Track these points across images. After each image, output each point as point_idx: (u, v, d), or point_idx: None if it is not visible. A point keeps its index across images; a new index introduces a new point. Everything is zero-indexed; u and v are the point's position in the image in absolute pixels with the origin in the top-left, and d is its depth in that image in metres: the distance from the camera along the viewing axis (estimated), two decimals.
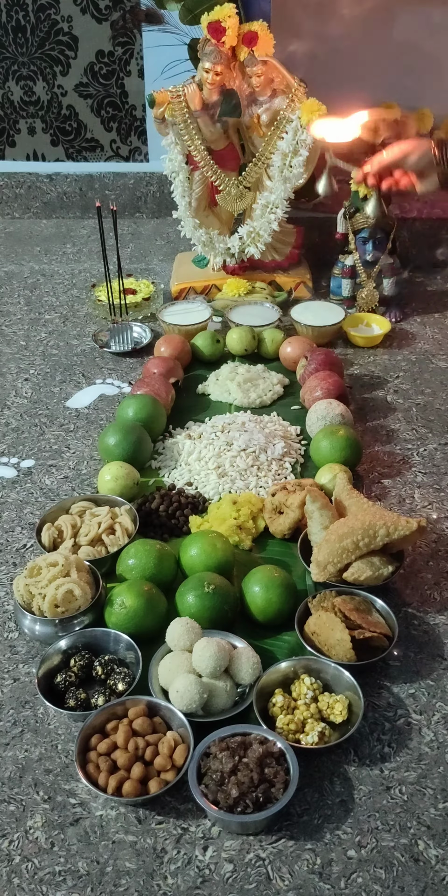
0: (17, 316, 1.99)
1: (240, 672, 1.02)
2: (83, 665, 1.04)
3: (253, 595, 1.12)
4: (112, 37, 2.31)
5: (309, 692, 1.00)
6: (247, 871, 0.86)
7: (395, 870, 0.86)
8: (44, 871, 0.86)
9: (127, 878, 0.86)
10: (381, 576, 1.13)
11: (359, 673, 1.02)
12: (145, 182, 2.48)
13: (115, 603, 1.09)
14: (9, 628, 1.15)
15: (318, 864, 0.87)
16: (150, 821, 0.91)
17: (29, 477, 1.44)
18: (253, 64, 1.77)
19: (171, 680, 1.00)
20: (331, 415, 1.44)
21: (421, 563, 1.24)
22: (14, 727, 1.01)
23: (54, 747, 0.99)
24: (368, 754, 0.97)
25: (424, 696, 1.04)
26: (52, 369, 1.77)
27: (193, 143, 1.84)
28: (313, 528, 1.19)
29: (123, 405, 1.48)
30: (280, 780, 0.90)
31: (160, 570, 1.16)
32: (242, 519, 1.27)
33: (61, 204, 2.54)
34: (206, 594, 1.09)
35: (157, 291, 1.98)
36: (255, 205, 1.90)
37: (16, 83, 2.43)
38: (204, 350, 1.74)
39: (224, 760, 0.90)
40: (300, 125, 1.77)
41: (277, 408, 1.60)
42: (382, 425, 1.56)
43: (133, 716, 0.97)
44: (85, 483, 1.42)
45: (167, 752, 0.93)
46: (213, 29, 1.73)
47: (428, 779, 0.95)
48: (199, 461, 1.42)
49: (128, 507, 1.28)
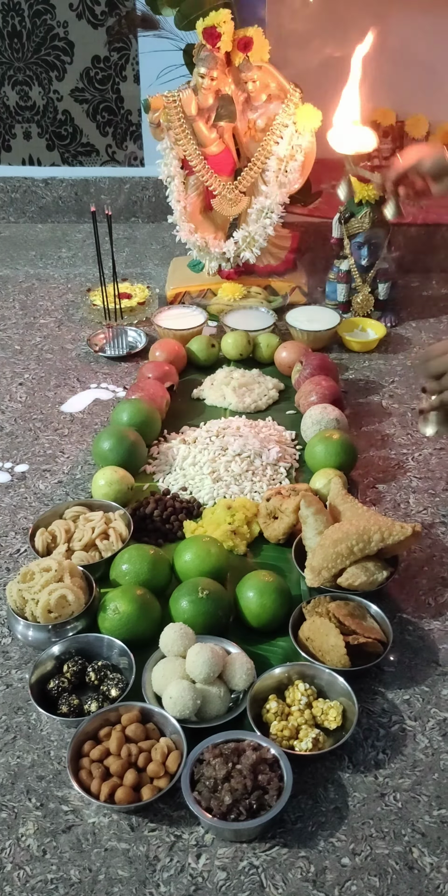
0: (11, 320, 1.99)
1: (233, 678, 1.02)
2: (76, 671, 1.04)
3: (247, 600, 1.11)
4: (108, 42, 2.31)
5: (303, 698, 0.99)
6: (240, 879, 0.86)
7: (389, 878, 0.85)
8: (36, 878, 0.86)
9: (119, 886, 0.85)
10: (376, 581, 1.13)
11: (353, 679, 1.01)
12: (141, 187, 2.48)
13: (108, 608, 1.09)
14: (2, 634, 1.14)
15: (312, 872, 0.86)
16: (143, 828, 0.91)
17: (23, 482, 1.44)
18: (248, 69, 1.77)
19: (165, 686, 1.00)
20: (326, 419, 1.44)
21: (416, 568, 1.24)
22: (6, 733, 1.01)
23: (47, 754, 0.98)
24: (363, 761, 0.97)
25: (419, 702, 1.04)
26: (47, 373, 1.76)
27: (189, 148, 1.84)
28: (308, 534, 1.19)
29: (118, 410, 1.48)
30: (274, 786, 0.89)
31: (154, 576, 1.15)
32: (237, 524, 1.26)
33: (57, 208, 2.54)
34: (200, 599, 1.09)
35: (152, 296, 1.98)
36: (251, 209, 1.90)
37: (11, 88, 2.43)
38: (199, 354, 1.74)
39: (217, 767, 0.90)
40: (295, 130, 1.77)
41: (272, 412, 1.60)
42: (377, 430, 1.56)
43: (126, 722, 0.96)
44: (79, 488, 1.42)
45: (160, 758, 0.93)
46: (208, 34, 1.74)
47: (422, 786, 0.94)
48: (194, 466, 1.41)
49: (122, 512, 1.27)
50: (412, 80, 2.38)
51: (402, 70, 2.35)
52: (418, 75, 2.37)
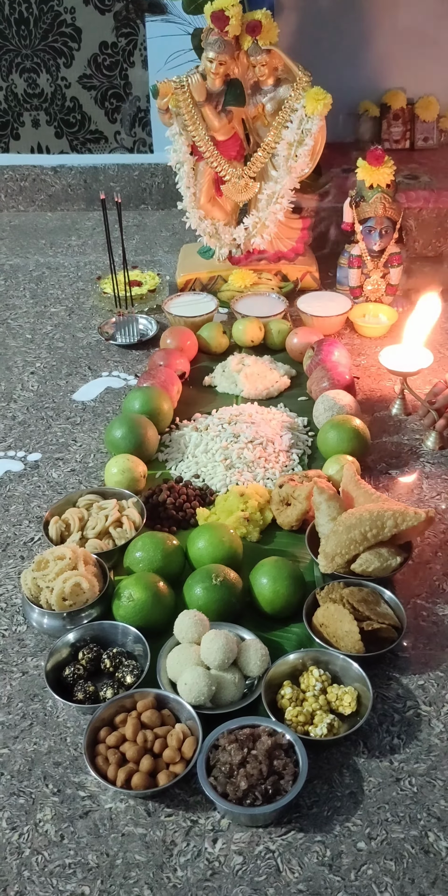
0: (22, 309, 1.99)
1: (248, 664, 1.02)
2: (91, 658, 1.04)
3: (261, 587, 1.12)
4: (115, 27, 2.30)
5: (317, 684, 1.00)
6: (256, 864, 0.86)
7: (405, 861, 0.86)
8: (54, 863, 0.87)
9: (136, 871, 0.86)
10: (389, 567, 1.13)
11: (367, 664, 1.01)
12: (150, 173, 2.47)
13: (122, 596, 1.09)
14: (17, 622, 1.15)
15: (328, 857, 0.86)
16: (160, 813, 0.91)
17: (36, 470, 1.44)
18: (257, 53, 1.75)
19: (180, 672, 1.00)
20: (338, 406, 1.43)
21: (429, 553, 1.24)
22: (23, 720, 1.01)
23: (63, 740, 0.99)
24: (378, 746, 0.97)
25: (434, 687, 1.04)
26: (58, 362, 1.76)
27: (198, 134, 1.83)
28: (321, 520, 1.19)
29: (130, 398, 1.48)
30: (289, 772, 0.89)
31: (168, 563, 1.16)
32: (250, 511, 1.26)
33: (66, 196, 2.53)
34: (214, 586, 1.09)
35: (163, 283, 1.98)
36: (261, 195, 1.89)
37: (19, 76, 2.42)
38: (210, 342, 1.73)
39: (233, 753, 0.90)
40: (305, 114, 1.76)
41: (284, 399, 1.59)
42: (390, 416, 1.55)
43: (141, 708, 0.97)
44: (92, 476, 1.42)
45: (176, 744, 0.93)
46: (216, 18, 1.72)
47: (438, 770, 0.94)
48: (206, 453, 1.41)
49: (135, 499, 1.27)
50: (423, 61, 2.35)
51: (413, 50, 2.33)
52: (429, 56, 2.35)
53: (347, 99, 2.33)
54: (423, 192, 2.15)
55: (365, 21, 2.31)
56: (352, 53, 2.33)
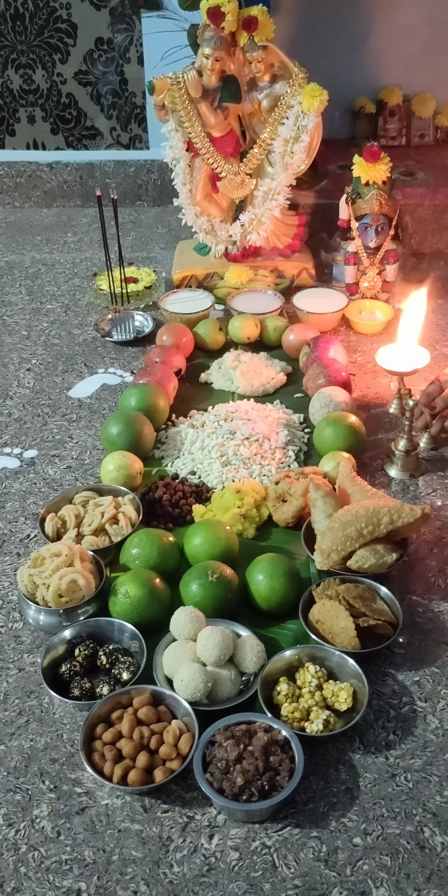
0: (18, 306, 1.99)
1: (244, 660, 1.02)
2: (88, 655, 1.04)
3: (257, 583, 1.12)
4: (111, 23, 2.29)
5: (313, 680, 1.00)
6: (253, 859, 0.86)
7: (400, 857, 0.86)
8: (50, 859, 0.87)
9: (133, 867, 0.86)
10: (385, 563, 1.13)
11: (363, 661, 1.02)
12: (146, 170, 2.47)
13: (119, 592, 1.09)
14: (13, 619, 1.15)
15: (324, 852, 0.87)
16: (156, 809, 0.91)
17: (32, 467, 1.44)
18: (253, 49, 1.75)
19: (176, 669, 1.00)
20: (334, 402, 1.43)
21: (425, 550, 1.24)
22: (19, 717, 1.01)
23: (59, 737, 0.99)
24: (373, 742, 0.97)
25: (429, 683, 1.04)
26: (54, 359, 1.76)
27: (194, 130, 1.83)
28: (317, 516, 1.19)
29: (126, 395, 1.48)
30: (285, 767, 0.90)
31: (164, 560, 1.16)
32: (246, 507, 1.26)
33: (62, 193, 2.53)
34: (210, 583, 1.09)
35: (159, 280, 1.98)
36: (257, 192, 1.89)
37: (15, 71, 2.41)
38: (206, 338, 1.73)
39: (229, 749, 0.90)
40: (301, 110, 1.76)
41: (280, 396, 1.60)
42: (386, 412, 1.56)
43: (138, 705, 0.97)
44: (88, 473, 1.42)
45: (172, 740, 0.93)
46: (212, 14, 1.72)
47: (433, 766, 0.95)
48: (202, 450, 1.41)
49: (131, 496, 1.27)
50: (420, 58, 2.35)
51: (410, 47, 2.33)
52: (426, 52, 2.35)
53: (344, 95, 2.33)
54: (420, 188, 2.16)
55: (361, 17, 2.31)
56: (348, 50, 2.33)
